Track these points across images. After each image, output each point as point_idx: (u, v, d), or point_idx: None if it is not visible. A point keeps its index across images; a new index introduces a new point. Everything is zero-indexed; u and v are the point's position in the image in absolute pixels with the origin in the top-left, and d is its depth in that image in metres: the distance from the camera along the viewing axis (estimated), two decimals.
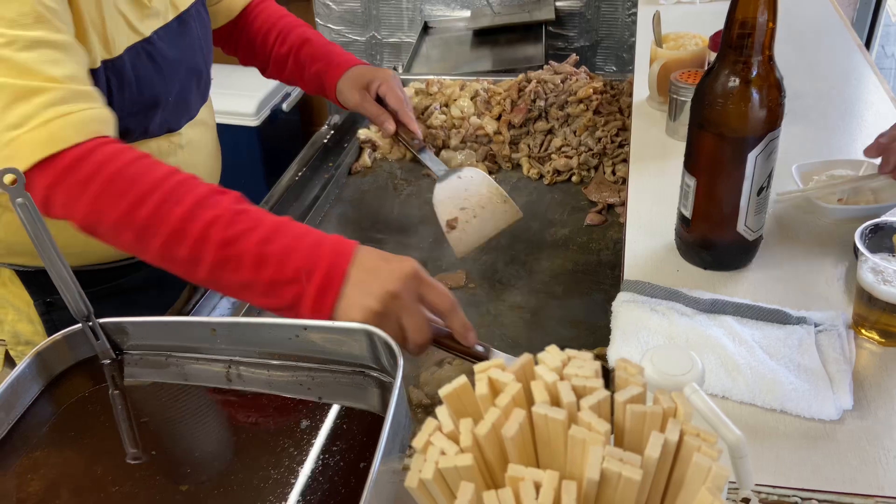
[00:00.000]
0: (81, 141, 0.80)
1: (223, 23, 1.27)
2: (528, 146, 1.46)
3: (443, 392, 0.42)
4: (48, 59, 0.80)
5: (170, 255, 0.80)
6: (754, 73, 0.80)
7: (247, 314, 1.11)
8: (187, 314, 1.09)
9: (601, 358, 1.00)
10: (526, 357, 0.44)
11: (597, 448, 0.37)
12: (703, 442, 0.39)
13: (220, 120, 1.30)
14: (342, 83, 1.21)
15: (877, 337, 0.81)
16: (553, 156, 1.42)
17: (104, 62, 0.93)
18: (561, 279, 1.17)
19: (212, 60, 1.18)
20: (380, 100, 1.22)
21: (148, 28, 0.99)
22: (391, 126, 1.19)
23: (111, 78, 0.94)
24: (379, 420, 0.63)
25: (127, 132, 1.00)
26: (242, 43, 1.30)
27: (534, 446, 0.41)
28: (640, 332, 0.82)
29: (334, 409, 0.71)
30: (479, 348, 0.81)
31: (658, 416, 0.40)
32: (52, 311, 1.09)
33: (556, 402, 0.41)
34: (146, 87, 0.99)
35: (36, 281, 1.07)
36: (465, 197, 1.16)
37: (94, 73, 0.91)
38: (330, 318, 0.77)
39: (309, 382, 0.75)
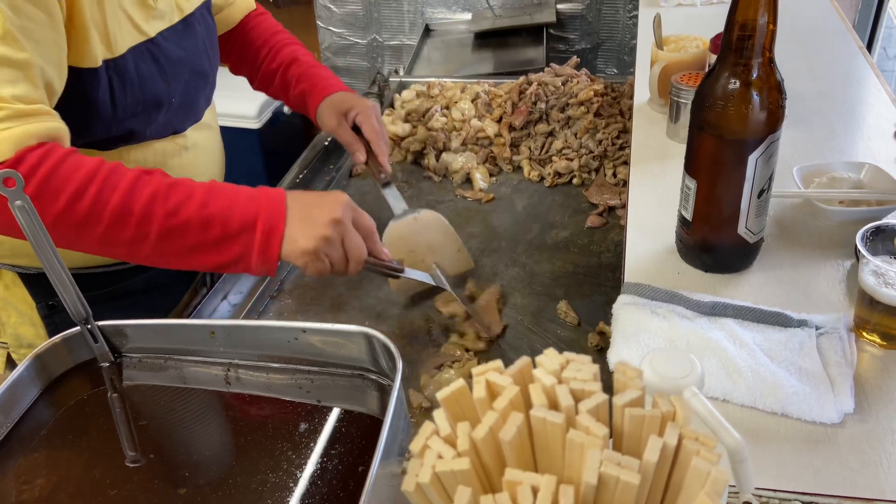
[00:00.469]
0: (13, 154, 0.81)
1: (221, 32, 1.28)
2: (529, 148, 1.45)
3: (440, 395, 0.42)
4: (2, 80, 0.81)
5: (113, 240, 0.84)
6: (754, 75, 0.79)
7: (247, 317, 1.11)
8: (188, 317, 1.09)
9: (604, 335, 1.01)
10: (524, 360, 0.43)
11: (595, 452, 0.36)
12: (702, 446, 0.38)
13: (222, 122, 1.30)
14: (322, 107, 1.23)
15: (878, 340, 0.80)
16: (554, 158, 1.42)
17: (105, 61, 0.93)
18: (562, 281, 1.16)
19: (217, 64, 1.18)
20: (357, 128, 1.23)
21: (153, 29, 1.00)
22: (362, 156, 1.20)
23: (113, 77, 0.94)
24: (378, 423, 0.63)
25: (131, 133, 1.00)
26: (235, 52, 1.32)
27: (532, 450, 0.41)
28: (641, 334, 0.82)
29: (333, 413, 0.71)
30: (395, 263, 1.01)
31: (657, 419, 0.39)
32: (54, 314, 1.09)
33: (554, 405, 0.41)
34: (149, 88, 0.99)
35: (38, 283, 1.07)
36: (417, 241, 1.16)
37: (94, 72, 0.91)
38: (278, 258, 0.86)
39: (308, 385, 0.74)
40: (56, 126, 0.86)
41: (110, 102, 0.94)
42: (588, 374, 0.41)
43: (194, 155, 1.12)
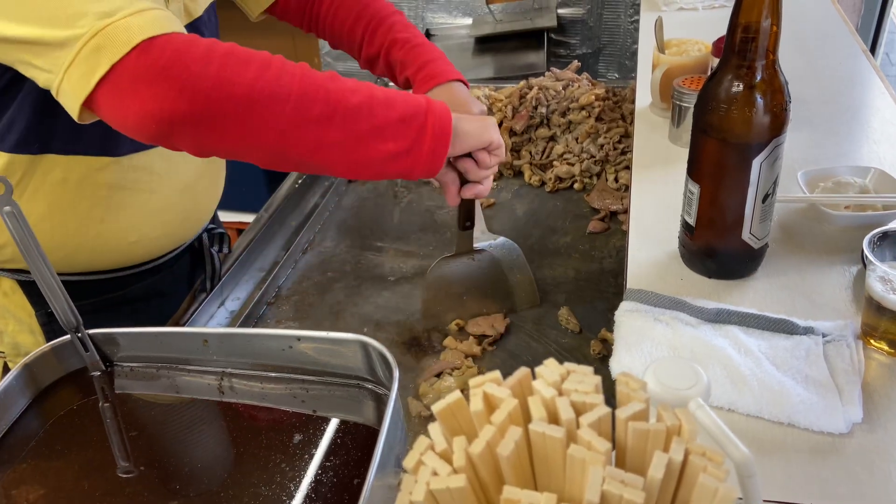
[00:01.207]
0: (181, 30, 0.75)
1: (266, 6, 1.18)
2: (530, 153, 1.44)
3: (436, 408, 0.40)
4: None
5: (302, 116, 0.78)
6: (758, 77, 0.78)
7: (244, 324, 1.09)
8: (184, 324, 1.08)
9: (606, 342, 0.99)
10: (523, 371, 0.42)
11: (597, 469, 0.35)
12: (709, 462, 0.37)
13: None
14: None
15: (886, 348, 0.78)
16: (555, 163, 1.41)
17: None
18: (563, 287, 1.15)
19: None
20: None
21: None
22: (453, 201, 1.02)
23: None
24: (375, 433, 0.62)
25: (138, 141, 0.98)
26: (327, 31, 1.20)
27: (531, 466, 0.39)
28: (644, 342, 0.80)
29: (328, 423, 0.69)
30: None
31: (661, 434, 0.38)
32: (53, 322, 1.07)
33: (554, 418, 0.39)
34: None
35: (37, 291, 1.05)
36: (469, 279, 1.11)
37: None
38: (447, 147, 0.86)
39: (303, 395, 0.73)
40: (168, 22, 0.79)
41: None
42: (590, 386, 0.39)
43: (201, 159, 1.10)
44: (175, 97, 0.72)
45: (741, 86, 0.79)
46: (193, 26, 1.03)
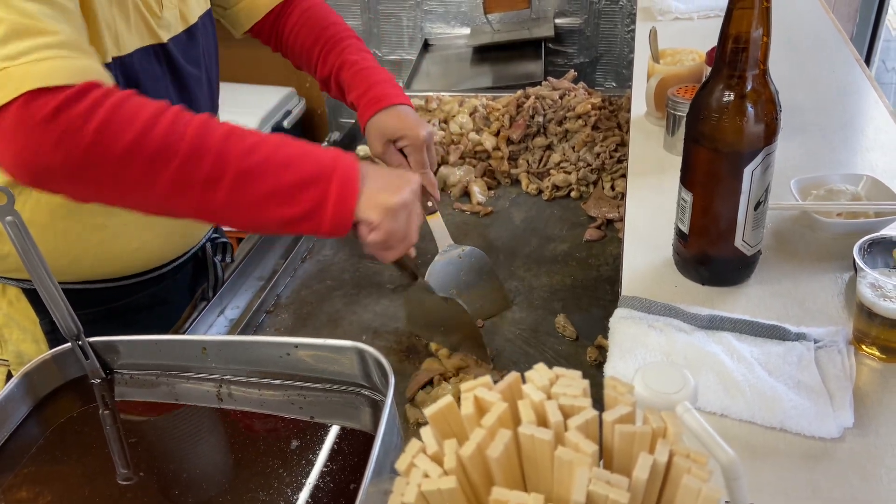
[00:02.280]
0: (77, 83, 0.74)
1: (248, 26, 1.20)
2: (527, 162, 1.45)
3: (428, 412, 0.41)
4: (54, 15, 0.76)
5: (187, 179, 0.76)
6: (749, 87, 0.79)
7: (243, 333, 1.10)
8: (184, 333, 1.08)
9: (602, 349, 1.00)
10: (513, 376, 0.43)
11: (583, 470, 0.36)
12: (693, 463, 0.37)
13: None
14: (371, 129, 1.11)
15: (877, 353, 0.79)
16: (552, 171, 1.42)
17: (114, 58, 0.91)
18: (560, 295, 1.16)
19: (218, 71, 1.16)
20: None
21: (165, 35, 0.99)
22: None
23: (118, 76, 0.92)
24: (372, 439, 0.62)
25: None
26: (290, 52, 1.22)
27: (521, 467, 0.40)
28: (638, 348, 0.81)
29: (325, 429, 0.70)
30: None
31: (647, 436, 0.39)
32: (57, 331, 1.08)
33: (543, 421, 0.40)
34: (153, 94, 0.99)
35: (42, 299, 1.06)
36: (458, 280, 1.12)
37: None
38: (355, 210, 0.81)
39: (300, 401, 0.74)
40: (108, 75, 0.81)
41: None
42: (577, 390, 0.40)
43: None
44: (49, 151, 0.72)
45: (732, 95, 0.80)
46: (189, 33, 1.05)
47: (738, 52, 0.78)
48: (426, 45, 2.38)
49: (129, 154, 0.74)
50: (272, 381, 0.75)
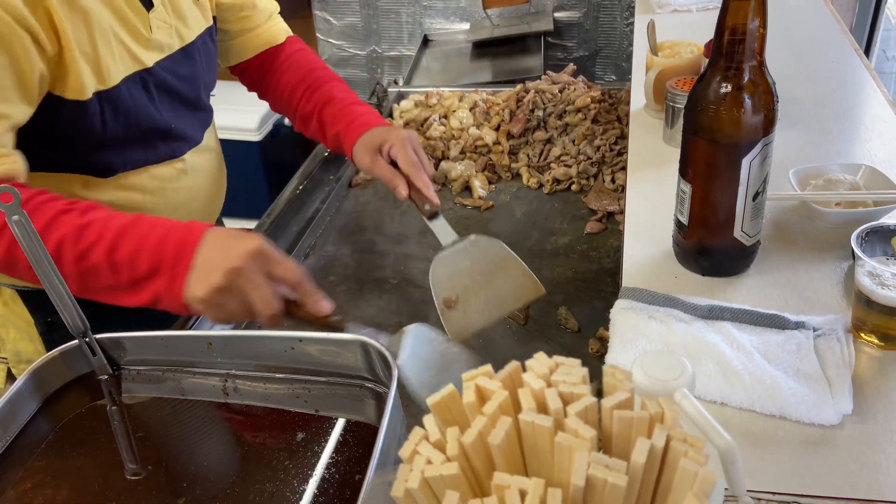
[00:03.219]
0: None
1: (236, 61, 1.25)
2: (528, 156, 1.46)
3: (430, 401, 0.42)
4: None
5: (10, 271, 0.84)
6: (746, 78, 0.80)
7: (247, 325, 1.11)
8: (189, 326, 1.09)
9: (604, 341, 0.99)
10: (513, 364, 0.44)
11: (582, 455, 0.37)
12: (689, 447, 0.38)
13: (224, 135, 1.30)
14: (357, 147, 1.13)
15: (876, 341, 0.80)
16: (552, 165, 1.43)
17: (97, 93, 0.92)
18: (561, 288, 1.16)
19: (213, 88, 1.17)
20: (395, 163, 1.11)
21: (150, 59, 0.99)
22: (403, 190, 1.07)
23: (105, 108, 0.94)
24: (376, 431, 0.63)
25: (126, 160, 1.00)
26: (271, 91, 1.26)
27: (521, 454, 0.41)
28: (639, 339, 0.82)
29: (331, 422, 0.71)
30: (335, 318, 0.83)
31: (645, 421, 0.39)
32: (53, 331, 1.10)
33: (543, 408, 0.41)
34: (143, 116, 0.99)
35: (36, 300, 1.08)
36: (471, 273, 1.01)
37: (85, 104, 0.91)
38: (184, 302, 0.80)
39: (305, 395, 0.75)
40: (9, 169, 0.86)
41: (101, 131, 0.94)
42: (577, 378, 0.41)
43: (193, 178, 1.12)
44: None
45: (729, 87, 0.80)
46: (185, 52, 1.05)
47: (734, 44, 0.79)
48: (426, 41, 2.39)
49: None
50: (277, 375, 0.76)
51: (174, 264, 0.81)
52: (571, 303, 1.12)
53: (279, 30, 1.25)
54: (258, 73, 1.26)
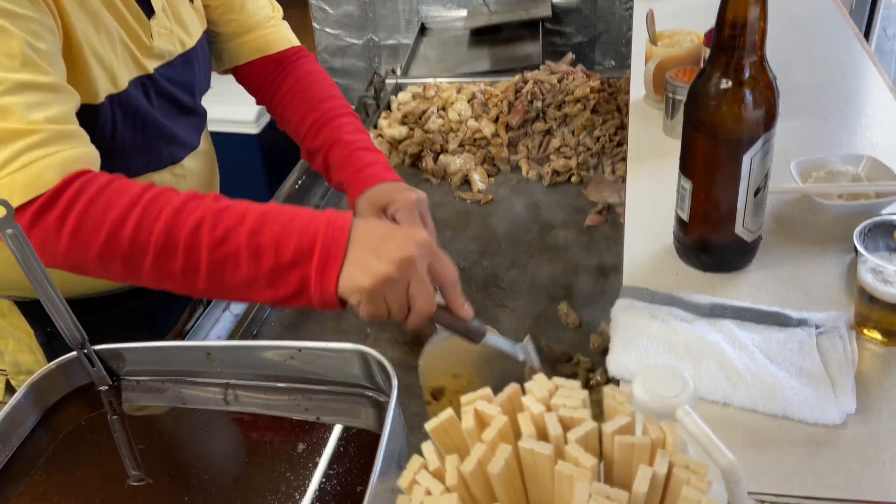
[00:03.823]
0: (56, 182, 0.77)
1: (227, 66, 1.20)
2: (527, 147, 1.45)
3: (429, 427, 0.42)
4: (33, 103, 0.78)
5: (165, 271, 0.77)
6: (747, 74, 0.79)
7: (248, 329, 1.11)
8: (188, 333, 1.09)
9: (606, 335, 0.98)
10: (513, 387, 0.43)
11: (583, 485, 0.36)
12: (692, 474, 0.38)
13: (221, 128, 1.28)
14: (361, 203, 1.01)
15: (879, 337, 0.79)
16: (552, 157, 1.42)
17: (109, 97, 0.91)
18: (562, 282, 1.16)
19: (207, 91, 1.16)
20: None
21: (151, 65, 0.98)
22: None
23: (116, 112, 0.92)
24: (377, 439, 0.63)
25: (129, 166, 0.99)
26: (278, 115, 1.18)
27: (522, 481, 0.41)
28: (640, 339, 0.81)
29: (331, 431, 0.71)
30: (475, 324, 0.79)
31: (646, 447, 0.39)
32: (53, 341, 1.09)
33: (543, 434, 0.40)
34: (150, 122, 0.99)
35: (35, 311, 1.07)
36: (464, 360, 0.86)
37: (97, 108, 0.90)
38: (335, 292, 0.75)
39: (306, 403, 0.74)
40: (94, 151, 0.83)
41: (111, 137, 0.93)
42: (577, 401, 0.41)
43: (189, 183, 1.11)
44: (39, 255, 0.72)
45: (730, 83, 0.80)
46: (185, 58, 1.04)
47: (735, 39, 0.78)
48: (423, 29, 2.36)
49: (103, 257, 0.77)
50: (278, 385, 0.75)
51: (328, 247, 0.75)
52: (572, 297, 1.12)
53: (275, 39, 1.17)
54: (256, 84, 1.20)
